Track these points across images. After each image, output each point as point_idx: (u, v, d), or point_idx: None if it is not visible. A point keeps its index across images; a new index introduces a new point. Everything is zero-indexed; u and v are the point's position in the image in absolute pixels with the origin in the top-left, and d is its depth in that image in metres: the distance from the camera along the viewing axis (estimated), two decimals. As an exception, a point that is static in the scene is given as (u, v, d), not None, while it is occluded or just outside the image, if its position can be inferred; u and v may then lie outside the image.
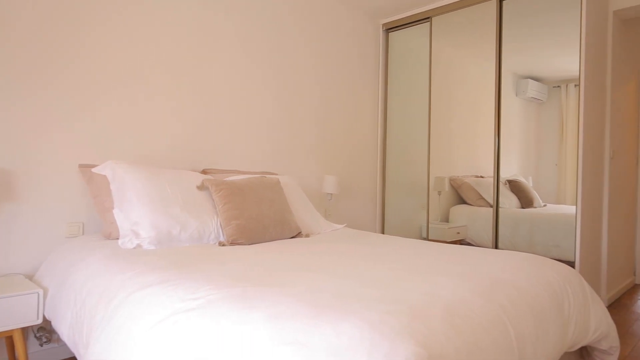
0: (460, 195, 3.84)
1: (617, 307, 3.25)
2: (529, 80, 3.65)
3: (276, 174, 2.93)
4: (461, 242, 3.75)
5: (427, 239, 3.83)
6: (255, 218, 2.15)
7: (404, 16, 3.93)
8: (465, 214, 3.76)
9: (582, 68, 2.96)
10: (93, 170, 2.14)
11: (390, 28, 4.09)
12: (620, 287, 3.62)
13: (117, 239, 1.95)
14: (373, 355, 0.90)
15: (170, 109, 2.59)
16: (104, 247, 1.84)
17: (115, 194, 2.04)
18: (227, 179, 2.45)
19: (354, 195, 3.87)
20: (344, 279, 1.38)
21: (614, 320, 2.91)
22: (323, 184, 3.37)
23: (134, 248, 1.85)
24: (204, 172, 2.65)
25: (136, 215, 1.96)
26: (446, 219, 3.85)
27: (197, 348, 1.05)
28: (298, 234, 2.37)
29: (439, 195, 3.83)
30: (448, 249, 1.98)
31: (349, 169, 3.82)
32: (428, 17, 3.79)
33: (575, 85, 3.05)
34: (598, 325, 1.70)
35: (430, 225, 3.81)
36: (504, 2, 3.34)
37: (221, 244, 2.06)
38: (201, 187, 2.26)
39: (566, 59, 3.16)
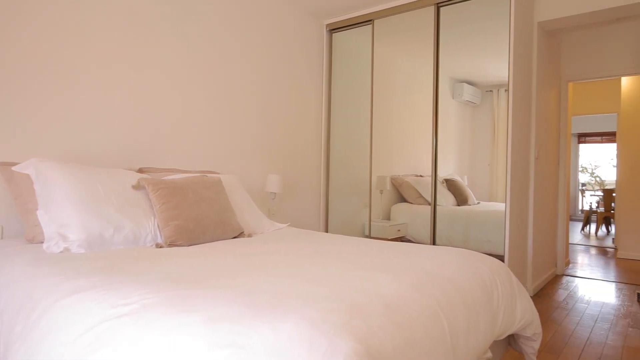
0: (401, 193, 3.97)
1: (540, 296, 3.51)
2: (464, 84, 3.85)
3: (218, 173, 2.86)
4: (402, 239, 3.87)
5: (369, 236, 3.92)
6: (195, 218, 2.09)
7: (347, 17, 3.99)
8: (406, 212, 3.89)
9: (511, 74, 3.16)
10: (14, 168, 1.97)
11: (334, 29, 4.13)
12: (543, 277, 3.91)
13: (42, 242, 1.81)
14: (312, 353, 0.90)
15: (103, 104, 2.44)
16: (26, 252, 1.69)
17: (40, 194, 1.89)
18: (165, 178, 2.35)
19: (298, 194, 3.88)
20: (285, 278, 1.37)
21: (538, 309, 3.14)
22: (266, 183, 3.34)
23: (61, 252, 1.73)
24: (140, 170, 2.53)
25: (64, 216, 1.83)
26: (388, 217, 3.97)
27: (128, 356, 1.00)
28: (240, 234, 2.33)
29: (381, 194, 3.93)
30: (388, 246, 2.04)
31: (293, 168, 3.82)
32: (370, 20, 3.87)
33: (505, 90, 3.25)
34: (523, 314, 1.82)
35: (372, 223, 3.90)
36: (441, 9, 3.49)
37: (158, 246, 1.97)
38: (137, 187, 2.15)
39: (497, 65, 3.36)
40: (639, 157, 5.21)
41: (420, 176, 3.90)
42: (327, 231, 4.17)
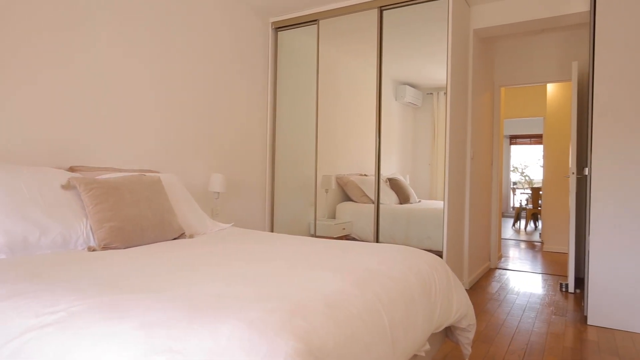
0: (346, 192, 4.03)
1: (475, 289, 3.71)
2: (407, 86, 3.98)
3: (158, 172, 2.75)
4: (347, 237, 3.94)
5: (315, 235, 3.95)
6: (132, 219, 1.99)
7: (292, 16, 3.98)
8: (351, 210, 3.95)
9: (449, 78, 3.31)
10: None
11: (279, 27, 4.11)
12: (478, 271, 4.14)
13: (-45, 248, 1.65)
14: (252, 355, 0.89)
15: (30, 98, 2.26)
16: (-64, 259, 1.53)
17: (-48, 196, 1.72)
18: (99, 177, 2.23)
19: (242, 194, 3.82)
20: (225, 280, 1.34)
21: (473, 301, 3.32)
22: (210, 182, 3.26)
23: (-22, 258, 1.58)
24: (71, 169, 2.37)
25: (-19, 219, 1.67)
26: (333, 216, 4.01)
27: (54, 368, 0.93)
28: (181, 235, 2.25)
29: (327, 193, 3.97)
30: (331, 245, 2.06)
31: (238, 167, 3.76)
32: (315, 20, 3.90)
33: (444, 93, 3.40)
34: (459, 307, 1.92)
35: (317, 222, 3.92)
36: (384, 12, 3.58)
37: (91, 249, 1.86)
38: (67, 187, 2.01)
39: (437, 69, 3.50)
40: (562, 158, 5.65)
41: (365, 175, 3.98)
42: (272, 230, 4.14)
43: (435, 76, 3.63)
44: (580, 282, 3.95)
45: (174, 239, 2.21)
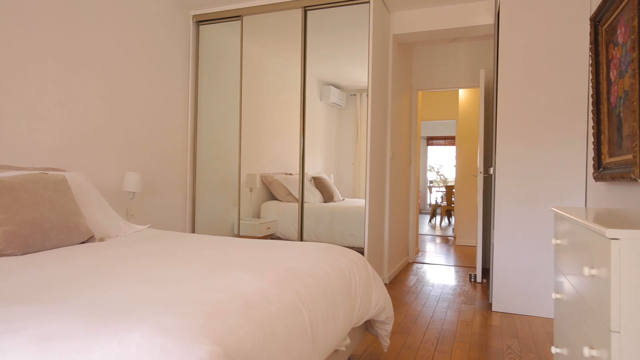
0: (271, 191, 4.01)
1: (395, 283, 3.89)
2: (331, 87, 4.05)
3: (63, 171, 2.52)
4: (271, 236, 3.92)
5: (238, 235, 3.88)
6: (31, 223, 1.81)
7: (215, 10, 3.87)
8: (276, 209, 3.94)
9: (370, 80, 3.42)
10: None
11: (201, 21, 3.97)
12: (397, 266, 4.34)
13: None
14: (164, 362, 0.85)
15: None
16: None
17: None
18: (-9, 176, 1.99)
19: (161, 193, 3.64)
20: (137, 285, 1.27)
21: (392, 294, 3.47)
22: (124, 181, 3.06)
23: None
24: (-44, 167, 2.09)
25: None
26: (258, 215, 3.97)
27: None
28: (90, 239, 2.09)
29: (251, 192, 3.92)
30: (254, 245, 2.03)
31: (156, 165, 3.57)
32: (239, 16, 3.82)
33: (366, 95, 3.51)
34: (378, 301, 1.99)
35: (241, 222, 3.86)
36: (308, 12, 3.61)
37: (-20, 257, 1.66)
38: (-50, 187, 1.77)
39: (360, 71, 3.61)
40: (472, 159, 6.12)
41: (290, 174, 3.99)
42: (193, 231, 4.00)
43: (358, 78, 3.74)
44: (486, 272, 4.31)
45: (82, 242, 2.04)
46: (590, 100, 2.59)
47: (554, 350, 1.48)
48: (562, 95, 2.94)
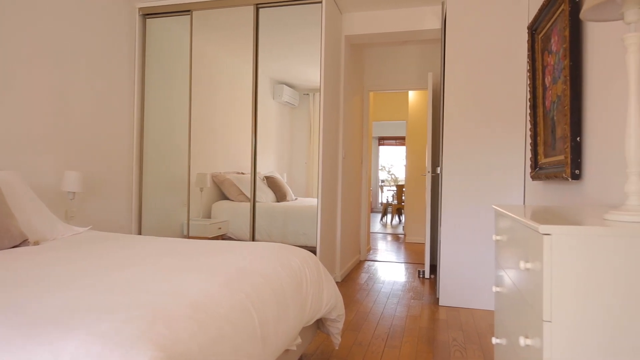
0: (222, 191, 3.93)
1: (346, 280, 3.94)
2: (284, 86, 4.03)
3: (-7, 169, 2.34)
4: (223, 237, 3.84)
5: (187, 236, 3.77)
6: (-46, 226, 1.66)
7: (162, 4, 3.74)
8: (227, 209, 3.87)
9: (322, 80, 3.44)
10: None
11: (148, 14, 3.82)
12: (349, 264, 4.40)
13: None
14: (102, 371, 0.80)
15: None
16: None
17: None
18: None
19: (104, 194, 3.46)
20: (75, 290, 1.19)
21: (344, 292, 3.52)
22: (63, 181, 2.88)
23: None
24: None
25: None
26: (208, 215, 3.88)
27: None
28: (23, 242, 1.95)
29: (201, 191, 3.82)
30: (203, 245, 1.98)
31: (99, 163, 3.39)
32: (189, 10, 3.71)
33: (319, 94, 3.52)
34: (329, 299, 2.01)
35: (191, 223, 3.75)
36: (260, 10, 3.57)
37: None
38: None
39: (312, 71, 3.61)
40: (421, 158, 6.32)
41: (242, 173, 3.93)
42: (140, 233, 3.84)
43: (311, 77, 3.75)
44: (434, 268, 4.47)
45: (14, 246, 1.90)
46: (528, 104, 2.74)
47: (494, 340, 1.55)
48: (503, 99, 3.10)
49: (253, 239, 3.62)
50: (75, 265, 1.52)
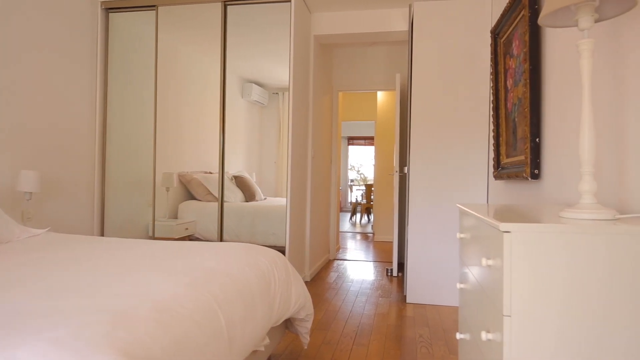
0: (189, 191, 3.85)
1: (316, 280, 3.94)
2: (253, 84, 3.99)
3: (-59, 168, 2.20)
4: (190, 237, 3.77)
5: (153, 237, 3.68)
6: None
7: (126, -2, 3.63)
8: (195, 209, 3.79)
9: (291, 79, 3.43)
10: None
11: (111, 8, 3.70)
12: (319, 263, 4.41)
13: None
14: (59, 378, 0.77)
15: None
16: None
17: None
18: None
19: (64, 194, 3.33)
20: (30, 294, 1.14)
21: (313, 291, 3.52)
22: (18, 180, 2.75)
23: None
24: None
25: None
26: (175, 216, 3.80)
27: None
28: (-26, 245, 1.84)
29: (168, 191, 3.73)
30: (168, 246, 1.94)
31: (58, 163, 3.25)
32: (154, 5, 3.62)
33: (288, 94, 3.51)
34: (297, 299, 2.00)
35: (157, 223, 3.66)
36: (228, 7, 3.52)
37: None
38: None
39: (282, 70, 3.60)
40: (389, 158, 6.41)
41: (210, 173, 3.87)
42: (102, 235, 3.71)
43: (280, 77, 3.73)
44: (402, 266, 4.54)
45: (-36, 250, 1.80)
46: (491, 105, 2.83)
47: (458, 336, 1.59)
48: (469, 100, 3.19)
49: (221, 240, 3.57)
50: (30, 268, 1.45)
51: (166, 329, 1.04)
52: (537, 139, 2.01)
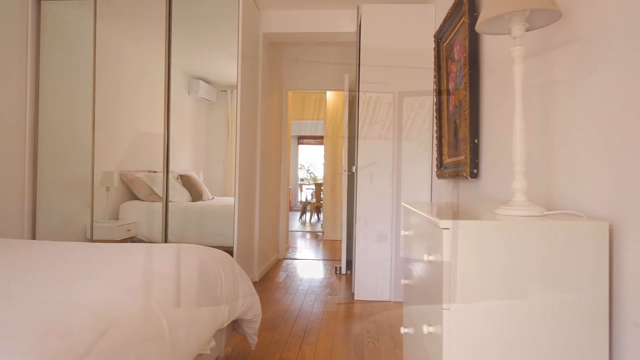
0: (132, 190, 3.68)
1: (265, 280, 3.91)
2: (200, 81, 3.89)
3: None
4: (132, 239, 3.61)
5: (91, 240, 3.48)
6: None
7: (61, -15, 3.40)
8: (137, 210, 3.64)
9: (239, 76, 3.38)
10: None
11: (43, -5, 3.45)
12: (268, 263, 4.37)
13: None
14: (-22, 395, 0.71)
15: None
16: None
17: None
18: None
19: (-10, 194, 3.07)
20: (-52, 305, 1.04)
21: (262, 291, 3.49)
22: None
23: None
24: None
25: None
26: (116, 217, 3.62)
27: None
28: None
29: (108, 191, 3.55)
30: (107, 249, 1.84)
31: (-18, 160, 2.99)
32: (92, -5, 3.42)
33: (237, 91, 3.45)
34: (245, 300, 1.98)
35: (95, 225, 3.47)
36: (173, 0, 3.40)
37: None
38: None
39: (230, 67, 3.53)
40: (337, 158, 6.49)
41: (154, 172, 3.72)
42: (34, 237, 3.46)
43: (229, 74, 3.66)
44: (350, 264, 4.61)
45: None
46: (434, 107, 2.94)
47: (403, 330, 1.64)
48: (414, 102, 3.29)
49: (166, 241, 3.45)
50: (-52, 277, 1.33)
51: (103, 337, 0.98)
52: (475, 140, 2.11)
